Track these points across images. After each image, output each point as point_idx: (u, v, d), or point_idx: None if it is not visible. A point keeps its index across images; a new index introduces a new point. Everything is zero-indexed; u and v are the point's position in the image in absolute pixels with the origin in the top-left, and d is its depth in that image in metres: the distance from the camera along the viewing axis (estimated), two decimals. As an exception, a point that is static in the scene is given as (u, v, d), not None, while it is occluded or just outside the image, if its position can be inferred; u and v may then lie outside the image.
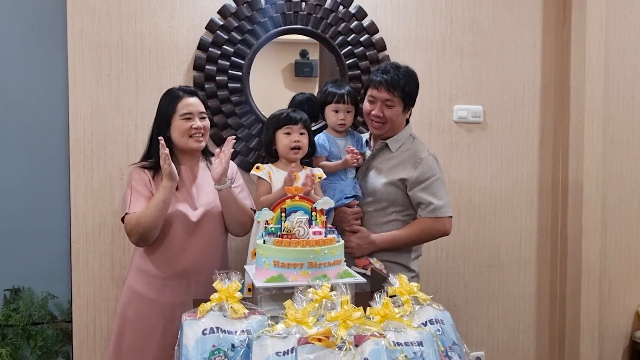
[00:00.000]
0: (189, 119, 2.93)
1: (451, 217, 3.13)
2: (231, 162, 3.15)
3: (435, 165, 3.14)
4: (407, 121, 3.24)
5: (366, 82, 3.24)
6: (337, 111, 3.22)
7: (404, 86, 3.09)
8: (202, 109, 3.00)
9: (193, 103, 2.97)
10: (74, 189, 3.36)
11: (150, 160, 2.97)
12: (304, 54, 3.81)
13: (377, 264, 3.05)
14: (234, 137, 2.89)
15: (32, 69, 3.54)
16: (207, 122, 3.01)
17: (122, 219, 2.90)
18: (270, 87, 3.79)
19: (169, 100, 2.97)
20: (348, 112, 3.24)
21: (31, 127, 3.56)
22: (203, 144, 2.99)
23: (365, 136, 3.38)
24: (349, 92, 3.24)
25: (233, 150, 2.84)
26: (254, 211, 3.00)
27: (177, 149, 2.99)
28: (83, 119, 3.35)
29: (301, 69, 3.81)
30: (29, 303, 3.57)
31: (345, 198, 3.12)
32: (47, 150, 3.57)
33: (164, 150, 2.74)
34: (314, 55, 3.80)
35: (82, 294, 3.41)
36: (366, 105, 3.17)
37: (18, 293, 3.61)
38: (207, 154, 3.11)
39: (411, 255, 3.21)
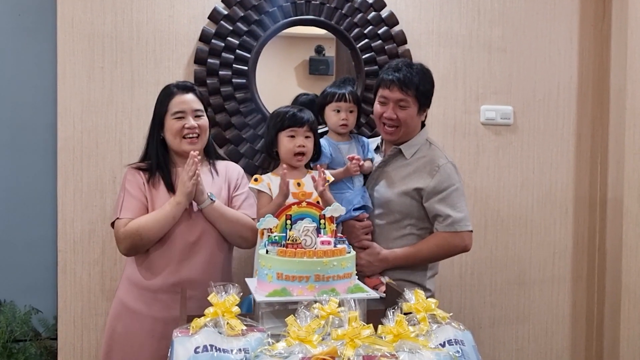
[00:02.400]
0: (181, 117, 2.91)
1: (471, 231, 3.07)
2: (236, 165, 3.16)
3: (454, 174, 3.08)
4: (423, 124, 3.20)
5: (376, 81, 3.18)
6: (338, 111, 3.20)
7: (419, 84, 3.02)
8: (198, 106, 2.97)
9: (186, 100, 2.94)
10: (62, 192, 3.35)
11: (147, 162, 2.96)
12: (319, 50, 3.80)
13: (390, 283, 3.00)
14: (196, 151, 2.83)
15: (17, 60, 3.56)
16: (203, 121, 2.97)
17: (112, 224, 2.90)
18: (281, 85, 3.79)
19: (162, 98, 2.97)
20: (350, 111, 3.21)
21: (15, 124, 3.58)
22: (198, 146, 2.94)
23: (375, 141, 3.34)
24: (350, 91, 3.22)
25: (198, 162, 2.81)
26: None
27: (173, 152, 2.97)
28: (73, 116, 3.34)
29: (316, 67, 3.80)
30: (10, 318, 3.56)
31: (354, 210, 3.04)
32: (32, 150, 3.58)
33: (193, 167, 2.75)
34: (330, 52, 3.80)
35: (69, 309, 3.39)
36: (377, 107, 3.12)
37: (-2, 307, 3.61)
38: (210, 156, 3.08)
39: (427, 273, 3.16)
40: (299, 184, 2.95)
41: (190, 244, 2.89)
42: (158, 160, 2.94)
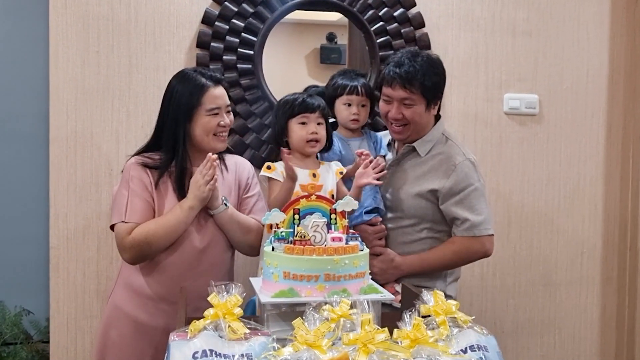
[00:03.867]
0: (216, 114, 2.84)
1: (492, 235, 3.03)
2: (245, 161, 3.10)
3: (473, 173, 3.01)
4: (439, 116, 3.15)
5: (379, 78, 3.13)
6: (349, 104, 3.15)
7: (423, 80, 2.93)
8: (228, 101, 2.92)
9: (221, 95, 2.87)
10: (54, 185, 3.33)
11: (156, 159, 2.85)
12: (331, 37, 3.81)
13: None
14: (215, 155, 2.77)
15: (5, 44, 3.57)
16: (232, 117, 2.93)
17: (112, 227, 2.81)
18: (291, 74, 3.80)
19: (192, 90, 2.83)
20: (362, 105, 3.17)
21: (4, 113, 3.61)
22: (225, 144, 2.92)
23: (387, 135, 3.27)
24: (363, 83, 3.18)
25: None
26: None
27: (194, 147, 2.88)
28: (66, 104, 3.32)
29: (327, 55, 3.81)
30: (0, 320, 3.53)
31: (365, 213, 3.00)
32: (22, 140, 3.59)
33: (211, 171, 2.69)
34: (342, 40, 3.80)
35: (62, 310, 3.37)
36: (382, 106, 3.06)
37: (-13, 308, 3.60)
38: (221, 153, 2.99)
39: (447, 279, 3.12)
40: (314, 175, 2.93)
41: (198, 252, 2.84)
42: (180, 158, 2.83)
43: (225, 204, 2.82)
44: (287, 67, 3.76)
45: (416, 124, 3.00)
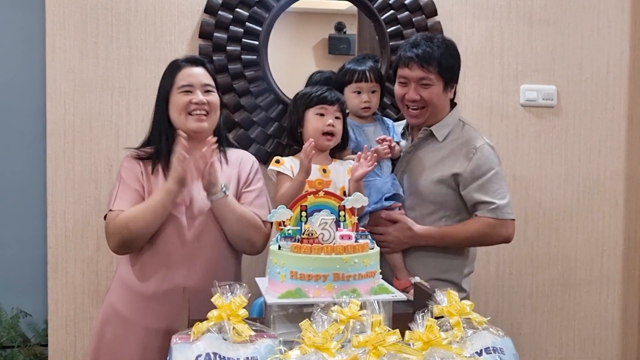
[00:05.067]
0: (188, 92, 2.84)
1: (514, 220, 3.06)
2: (251, 156, 3.08)
3: (493, 157, 3.05)
4: (454, 104, 3.17)
5: (394, 61, 3.16)
6: (359, 92, 3.17)
7: (440, 59, 2.98)
8: (208, 80, 2.90)
9: (195, 73, 2.87)
10: (52, 182, 3.35)
11: (149, 149, 2.89)
12: (339, 27, 3.80)
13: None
14: (215, 137, 2.75)
15: (1, 34, 3.51)
16: (214, 97, 2.90)
17: (105, 217, 2.83)
18: (298, 65, 3.78)
19: (168, 72, 2.90)
20: (373, 92, 3.18)
21: None
22: (206, 124, 2.86)
23: (400, 125, 3.31)
24: (371, 67, 3.18)
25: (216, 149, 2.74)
26: (271, 224, 2.87)
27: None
28: (63, 97, 3.33)
29: (336, 46, 3.80)
30: (-4, 322, 3.56)
31: (385, 199, 3.02)
32: (18, 135, 3.60)
33: (181, 148, 2.65)
34: (351, 30, 3.79)
35: (60, 312, 3.38)
36: (397, 89, 3.09)
37: (-17, 310, 3.61)
38: (221, 142, 2.95)
39: (464, 270, 3.15)
40: (324, 170, 2.94)
41: (187, 245, 2.81)
42: (165, 145, 2.84)
43: (225, 192, 2.77)
44: (294, 58, 3.76)
45: (434, 106, 3.04)
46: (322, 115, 2.97)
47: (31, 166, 3.53)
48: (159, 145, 2.84)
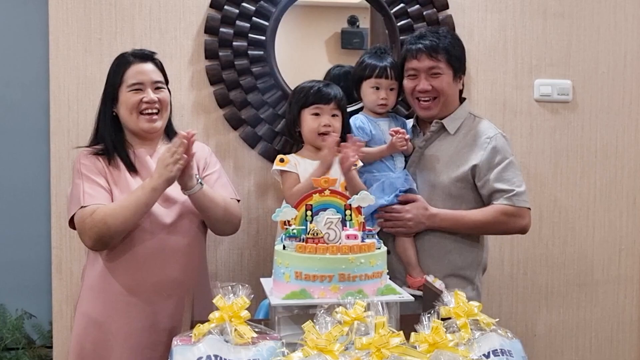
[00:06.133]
0: (138, 90, 2.83)
1: (530, 208, 3.11)
2: (203, 144, 3.11)
3: (507, 146, 3.11)
4: (463, 99, 3.23)
5: (401, 56, 3.20)
6: (377, 88, 3.17)
7: (449, 47, 3.06)
8: (158, 77, 2.90)
9: (145, 70, 2.87)
10: (56, 181, 3.35)
11: (101, 145, 2.87)
12: (352, 21, 3.80)
13: (436, 282, 2.97)
14: (194, 131, 2.74)
15: (3, 31, 3.56)
16: (164, 95, 2.90)
17: (71, 221, 2.79)
18: (311, 60, 3.79)
19: (116, 68, 2.88)
20: (391, 89, 3.19)
21: (2, 105, 3.57)
22: (158, 124, 2.88)
23: (408, 123, 3.32)
24: (392, 64, 3.18)
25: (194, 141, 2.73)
26: (238, 201, 2.99)
27: (127, 130, 2.90)
28: (67, 94, 3.34)
29: (349, 40, 3.80)
30: (0, 324, 3.56)
31: (399, 194, 3.05)
32: (21, 133, 3.59)
33: (180, 149, 2.64)
34: (364, 23, 3.79)
35: (65, 313, 3.38)
36: (407, 83, 3.13)
37: (-13, 311, 3.63)
38: (171, 135, 2.99)
39: (478, 267, 3.19)
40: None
41: (163, 236, 2.82)
42: (112, 144, 2.85)
43: (201, 183, 2.78)
44: (306, 52, 3.76)
45: (445, 96, 3.09)
46: (317, 115, 2.99)
47: (34, 165, 3.55)
48: (109, 142, 2.84)
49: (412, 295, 2.48)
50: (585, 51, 3.88)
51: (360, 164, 3.01)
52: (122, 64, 2.87)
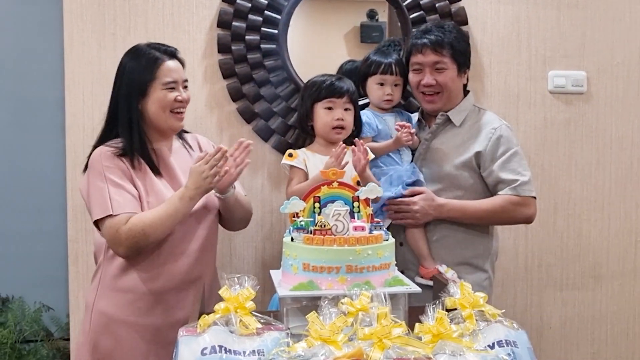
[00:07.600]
0: (172, 88, 2.82)
1: (535, 197, 3.11)
2: (201, 136, 3.13)
3: (512, 137, 3.14)
4: (467, 92, 3.25)
5: (406, 50, 3.22)
6: (382, 84, 3.18)
7: (453, 42, 3.09)
8: (185, 75, 2.90)
9: (177, 69, 2.86)
10: (71, 175, 3.36)
11: (120, 145, 2.81)
12: (371, 14, 3.79)
13: (448, 272, 2.97)
14: (249, 141, 2.78)
15: (19, 27, 3.59)
16: (189, 93, 2.91)
17: (96, 223, 2.74)
18: (330, 55, 3.78)
19: (146, 64, 2.82)
20: (396, 85, 3.20)
21: (18, 100, 3.62)
22: (183, 122, 2.90)
23: (414, 117, 3.34)
24: (397, 60, 3.19)
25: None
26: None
27: (151, 127, 2.86)
28: (82, 89, 3.36)
29: (368, 34, 3.78)
30: (19, 316, 3.62)
31: (407, 186, 3.06)
32: (38, 127, 3.61)
33: (223, 162, 2.65)
34: (384, 17, 3.78)
35: (82, 306, 3.30)
36: (412, 77, 3.16)
37: (6, 304, 3.68)
38: (180, 132, 3.02)
39: (489, 256, 3.21)
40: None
41: (187, 228, 2.83)
42: (138, 140, 2.80)
43: (234, 187, 2.83)
44: (325, 47, 3.75)
45: (449, 90, 3.11)
46: (330, 109, 2.99)
47: (51, 159, 3.57)
48: (129, 140, 2.79)
49: (426, 285, 2.49)
50: (599, 42, 3.84)
51: (372, 156, 3.00)
52: (152, 60, 2.81)
